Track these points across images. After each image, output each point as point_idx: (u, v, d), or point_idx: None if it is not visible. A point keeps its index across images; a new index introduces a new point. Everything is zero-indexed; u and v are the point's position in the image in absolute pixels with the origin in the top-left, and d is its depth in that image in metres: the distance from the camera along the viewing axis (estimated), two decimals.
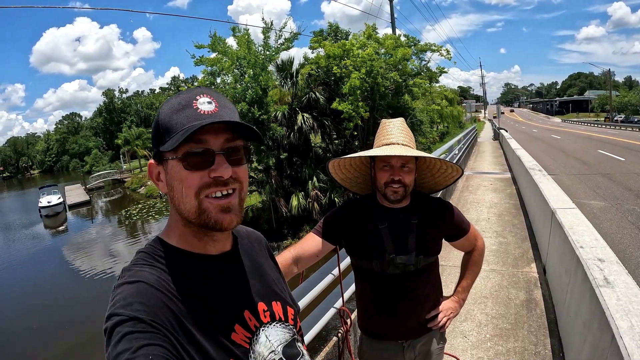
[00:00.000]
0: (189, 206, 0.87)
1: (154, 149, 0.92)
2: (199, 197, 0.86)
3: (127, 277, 0.83)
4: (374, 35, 19.90)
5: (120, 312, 0.75)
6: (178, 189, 0.87)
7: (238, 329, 0.90)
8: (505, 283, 4.75)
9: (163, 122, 0.87)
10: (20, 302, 15.47)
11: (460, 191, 10.45)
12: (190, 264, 0.91)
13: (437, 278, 1.88)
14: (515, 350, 3.41)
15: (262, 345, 0.93)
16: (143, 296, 0.78)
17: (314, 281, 2.65)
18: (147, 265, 0.87)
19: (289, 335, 1.02)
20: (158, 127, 0.88)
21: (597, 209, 8.83)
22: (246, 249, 1.07)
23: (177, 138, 0.83)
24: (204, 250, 0.94)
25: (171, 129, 0.86)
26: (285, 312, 1.06)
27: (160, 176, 0.92)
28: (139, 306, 0.76)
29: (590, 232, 3.57)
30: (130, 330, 0.72)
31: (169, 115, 0.87)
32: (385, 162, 1.68)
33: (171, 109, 0.88)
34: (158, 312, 0.77)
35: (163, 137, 0.87)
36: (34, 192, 44.56)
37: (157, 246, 0.92)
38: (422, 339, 1.83)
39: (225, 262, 0.97)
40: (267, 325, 0.98)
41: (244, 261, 1.03)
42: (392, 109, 20.13)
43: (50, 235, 28.45)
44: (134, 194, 40.60)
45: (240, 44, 16.28)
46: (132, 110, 79.14)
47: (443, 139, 35.88)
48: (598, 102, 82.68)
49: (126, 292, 0.79)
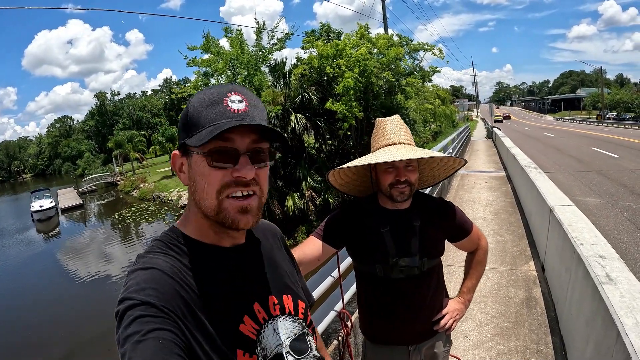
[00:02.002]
0: (208, 203, 0.88)
1: (179, 140, 0.92)
2: (219, 196, 0.87)
3: (141, 264, 0.84)
4: (366, 35, 19.90)
5: (132, 297, 0.76)
6: (200, 184, 0.88)
7: (247, 321, 0.91)
8: (505, 281, 4.73)
9: (192, 115, 0.88)
10: (14, 308, 15.30)
11: (456, 190, 10.45)
12: (204, 255, 0.92)
13: (441, 280, 1.83)
14: (517, 349, 3.38)
15: (269, 338, 0.94)
16: (156, 282, 0.80)
17: (314, 284, 2.60)
18: (161, 253, 0.88)
19: (298, 329, 1.03)
20: (186, 119, 0.89)
21: (593, 206, 8.85)
22: (260, 242, 1.08)
23: (204, 135, 0.84)
24: (218, 242, 0.95)
25: (199, 123, 0.86)
26: (295, 306, 1.06)
27: (183, 168, 0.92)
28: (151, 291, 0.77)
29: (590, 229, 3.55)
30: (142, 314, 0.74)
31: (198, 110, 0.87)
32: (389, 164, 1.64)
33: (201, 103, 0.87)
34: (170, 299, 0.78)
35: (190, 130, 0.88)
36: (26, 197, 44.16)
37: (172, 235, 0.93)
38: (428, 342, 1.78)
39: (239, 255, 0.98)
40: (277, 318, 0.99)
41: (257, 254, 1.05)
42: (386, 108, 20.15)
43: (42, 239, 28.17)
44: (127, 197, 40.33)
45: (233, 44, 16.24)
46: (125, 112, 78.64)
47: (436, 138, 35.98)
48: (590, 100, 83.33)
49: (140, 277, 0.80)
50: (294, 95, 18.82)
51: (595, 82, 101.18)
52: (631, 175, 11.99)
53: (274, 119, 17.45)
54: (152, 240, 0.93)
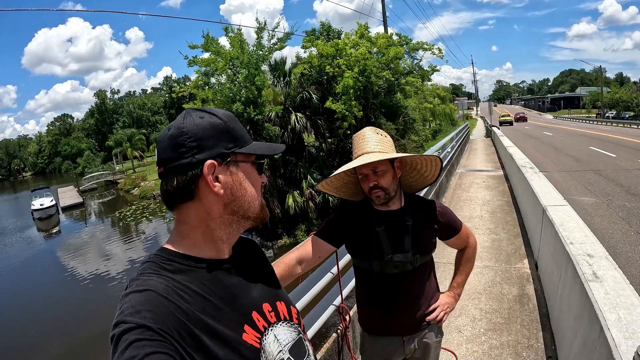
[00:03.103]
0: (257, 203, 1.01)
1: (218, 150, 0.93)
2: (259, 197, 1.02)
3: (135, 286, 0.83)
4: (366, 35, 19.95)
5: (128, 320, 0.75)
6: (250, 189, 0.99)
7: (248, 330, 0.92)
8: (499, 279, 4.85)
9: (231, 127, 0.97)
10: (15, 307, 15.36)
11: (453, 189, 10.56)
12: (199, 270, 0.92)
13: (433, 276, 1.97)
14: (508, 344, 3.51)
15: (271, 344, 0.95)
16: (151, 304, 0.79)
17: (314, 279, 2.72)
18: (154, 274, 0.87)
19: (295, 334, 1.05)
20: (227, 130, 0.96)
21: (589, 205, 8.96)
22: (244, 253, 1.10)
23: (264, 148, 1.02)
24: (216, 255, 0.97)
25: (245, 137, 0.99)
26: (289, 312, 1.08)
27: (220, 177, 0.93)
28: (147, 314, 0.76)
29: (580, 228, 3.66)
30: (138, 338, 0.73)
31: (232, 123, 0.98)
32: (360, 173, 1.80)
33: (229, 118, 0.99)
34: (166, 321, 0.77)
35: (238, 141, 0.97)
36: (26, 195, 44.06)
37: (162, 255, 0.92)
38: (421, 333, 1.92)
39: (230, 266, 1.00)
40: (275, 325, 1.00)
41: (246, 264, 1.06)
42: (385, 107, 20.25)
43: (43, 238, 28.21)
44: (127, 195, 40.31)
45: (233, 44, 16.26)
46: (124, 111, 78.42)
47: (436, 136, 35.99)
48: (589, 99, 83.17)
49: (134, 300, 0.79)
50: (294, 95, 18.87)
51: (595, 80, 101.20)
52: (628, 175, 12.08)
53: (274, 118, 17.52)
54: (142, 262, 0.92)
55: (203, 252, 0.95)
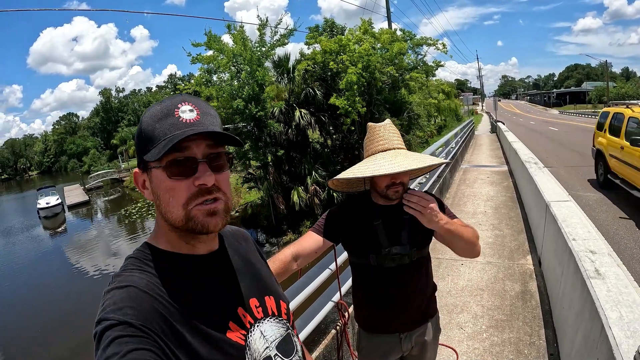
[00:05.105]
0: (175, 214, 0.87)
1: (138, 157, 0.92)
2: (187, 208, 0.87)
3: (117, 283, 0.82)
4: (370, 30, 19.88)
5: (110, 317, 0.75)
6: (164, 198, 0.88)
7: (233, 327, 0.91)
8: (501, 275, 4.82)
9: (146, 131, 0.88)
10: (22, 304, 15.52)
11: (458, 185, 10.52)
12: (180, 266, 0.91)
13: (429, 271, 1.96)
14: (510, 341, 3.49)
15: (257, 341, 0.94)
16: (133, 300, 0.78)
17: (312, 276, 2.71)
18: (136, 270, 0.86)
19: (283, 330, 1.03)
20: (141, 136, 0.89)
21: (593, 200, 8.89)
22: (234, 247, 1.08)
23: (160, 148, 0.84)
24: (192, 251, 0.94)
25: (154, 137, 0.86)
26: (278, 307, 1.06)
27: (145, 184, 0.92)
28: (129, 310, 0.76)
29: (583, 224, 3.63)
30: (120, 335, 0.72)
31: (152, 124, 0.87)
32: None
33: (153, 118, 0.88)
34: (148, 317, 0.77)
35: (146, 146, 0.87)
36: (32, 194, 44.44)
37: (145, 251, 0.92)
38: (417, 330, 1.90)
39: (214, 261, 0.98)
40: (261, 320, 0.99)
41: (233, 258, 1.04)
42: (389, 103, 20.17)
43: (49, 236, 28.46)
44: (133, 193, 40.43)
45: (236, 41, 16.24)
46: (129, 109, 78.63)
47: (441, 132, 35.88)
48: (595, 94, 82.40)
49: (116, 296, 0.79)
50: (298, 91, 18.83)
51: (601, 75, 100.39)
52: None
53: (278, 115, 17.50)
54: (125, 258, 0.91)
55: (180, 249, 0.93)
